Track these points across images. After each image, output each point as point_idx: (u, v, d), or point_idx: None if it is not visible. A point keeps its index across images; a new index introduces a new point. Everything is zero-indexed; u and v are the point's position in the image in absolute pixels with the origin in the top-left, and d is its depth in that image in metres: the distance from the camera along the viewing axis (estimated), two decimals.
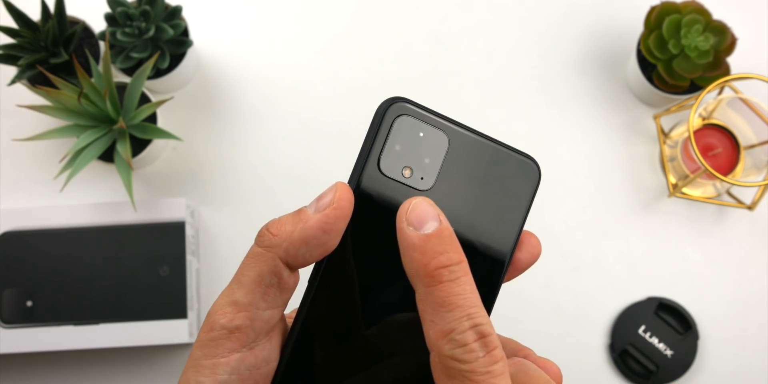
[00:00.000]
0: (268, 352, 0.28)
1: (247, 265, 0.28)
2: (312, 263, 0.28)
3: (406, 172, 0.29)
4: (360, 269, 0.29)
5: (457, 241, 0.26)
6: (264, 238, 0.28)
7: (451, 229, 0.26)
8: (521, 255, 0.31)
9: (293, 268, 0.28)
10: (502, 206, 0.30)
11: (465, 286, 0.26)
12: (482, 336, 0.25)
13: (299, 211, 0.28)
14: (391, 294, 0.29)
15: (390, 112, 0.29)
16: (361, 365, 0.29)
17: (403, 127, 0.29)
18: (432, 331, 0.25)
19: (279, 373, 0.28)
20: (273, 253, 0.27)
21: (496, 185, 0.30)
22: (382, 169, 0.29)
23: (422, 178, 0.29)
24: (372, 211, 0.28)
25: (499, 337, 0.31)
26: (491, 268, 0.30)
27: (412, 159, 0.29)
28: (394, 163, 0.29)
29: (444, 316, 0.25)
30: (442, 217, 0.27)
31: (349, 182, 0.29)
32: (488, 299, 0.30)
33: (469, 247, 0.30)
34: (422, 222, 0.26)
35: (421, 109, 0.29)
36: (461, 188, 0.30)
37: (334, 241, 0.28)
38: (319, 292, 0.28)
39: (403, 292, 0.27)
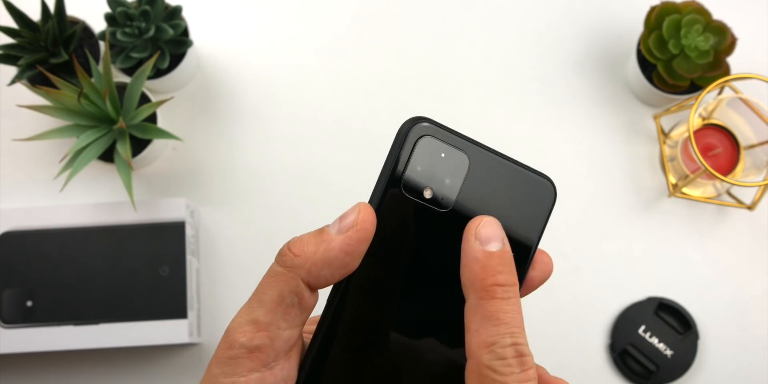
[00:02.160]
0: (287, 372, 0.28)
1: (268, 283, 0.28)
2: (333, 283, 0.28)
3: (427, 193, 0.29)
4: (379, 290, 0.29)
5: (515, 267, 0.28)
6: (286, 258, 0.28)
7: (511, 254, 0.28)
8: (534, 273, 0.31)
9: (314, 288, 0.28)
10: (519, 226, 0.31)
11: (514, 306, 0.27)
12: (520, 355, 0.26)
13: (321, 232, 0.28)
14: (410, 316, 0.29)
15: (413, 133, 0.29)
16: None
17: (425, 147, 0.29)
18: (475, 340, 0.26)
19: None
20: (295, 273, 0.27)
21: (514, 205, 0.31)
22: (403, 190, 0.29)
23: (442, 199, 0.29)
24: (392, 231, 0.29)
25: None
26: None
27: (434, 180, 0.29)
28: (415, 183, 0.29)
29: (489, 329, 0.26)
30: (506, 241, 0.28)
31: (370, 201, 0.29)
32: None
33: None
34: (489, 240, 0.28)
35: (443, 129, 0.29)
36: (479, 208, 0.30)
37: (355, 263, 0.28)
38: (339, 312, 0.28)
39: (422, 314, 0.28)
